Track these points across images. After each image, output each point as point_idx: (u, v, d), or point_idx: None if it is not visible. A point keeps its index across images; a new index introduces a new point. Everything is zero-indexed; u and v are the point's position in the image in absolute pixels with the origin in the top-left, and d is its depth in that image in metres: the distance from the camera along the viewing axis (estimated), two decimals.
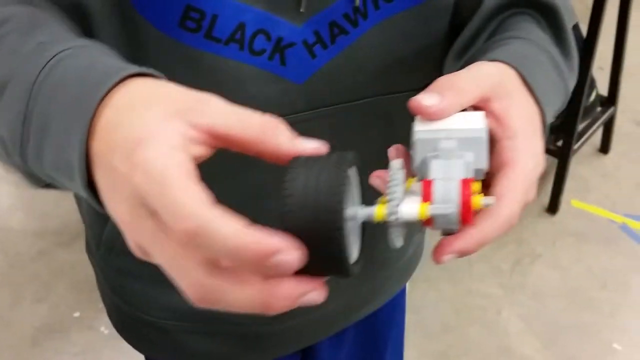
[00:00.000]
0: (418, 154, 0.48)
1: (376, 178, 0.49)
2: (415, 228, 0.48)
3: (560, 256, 2.29)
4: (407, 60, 0.68)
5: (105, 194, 0.43)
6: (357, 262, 0.45)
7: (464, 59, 0.65)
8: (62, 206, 2.52)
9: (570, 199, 2.46)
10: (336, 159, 0.42)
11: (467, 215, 0.44)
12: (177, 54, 0.59)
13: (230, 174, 0.65)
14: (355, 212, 0.45)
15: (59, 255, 2.35)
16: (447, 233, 0.48)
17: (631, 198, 2.48)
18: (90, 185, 0.45)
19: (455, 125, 0.48)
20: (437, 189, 0.45)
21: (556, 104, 0.61)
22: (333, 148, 0.48)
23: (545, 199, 2.43)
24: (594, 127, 2.45)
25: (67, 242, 2.39)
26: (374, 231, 0.47)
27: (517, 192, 0.48)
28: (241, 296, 0.40)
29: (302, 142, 0.44)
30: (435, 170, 0.46)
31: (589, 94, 2.36)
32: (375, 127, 0.70)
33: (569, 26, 0.67)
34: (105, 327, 2.08)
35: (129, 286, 0.82)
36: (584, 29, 2.23)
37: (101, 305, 0.92)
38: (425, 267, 2.21)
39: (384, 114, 0.69)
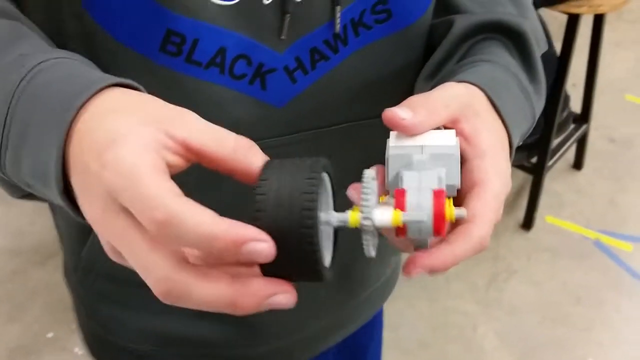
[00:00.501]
0: (391, 169, 0.49)
1: (353, 190, 0.49)
2: (388, 240, 0.49)
3: (535, 272, 2.31)
4: (386, 84, 0.69)
5: (79, 195, 0.44)
6: (330, 268, 0.45)
7: (434, 81, 0.66)
8: (37, 224, 2.49)
9: (544, 215, 2.48)
10: (310, 163, 0.43)
11: (440, 224, 0.45)
12: (158, 77, 0.59)
13: (208, 184, 0.65)
14: (329, 216, 0.45)
15: (33, 274, 2.32)
16: (419, 248, 0.48)
17: (604, 214, 2.50)
18: (67, 193, 0.45)
19: (428, 141, 0.49)
20: (410, 198, 0.45)
21: (523, 127, 0.62)
22: None
23: (520, 215, 2.45)
24: (568, 143, 2.48)
25: (42, 261, 2.36)
26: (353, 252, 0.48)
27: (488, 213, 0.49)
28: (209, 292, 0.40)
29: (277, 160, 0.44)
30: (408, 181, 0.46)
31: (563, 111, 2.39)
32: (355, 150, 0.70)
33: (537, 52, 0.68)
34: (79, 348, 2.06)
35: (106, 310, 0.82)
36: (557, 47, 2.26)
37: (75, 325, 0.91)
38: (402, 284, 2.21)
39: (364, 137, 0.70)
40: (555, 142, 2.39)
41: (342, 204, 0.48)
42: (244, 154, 0.43)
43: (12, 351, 2.07)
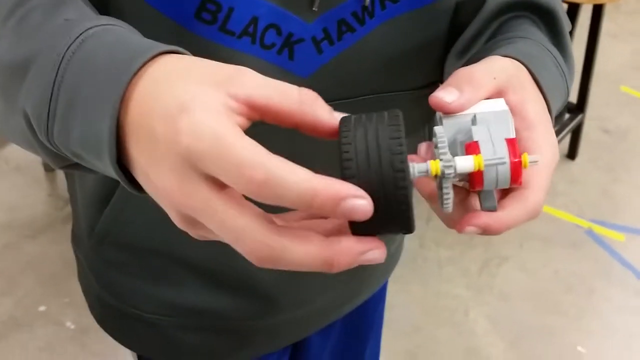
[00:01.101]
0: (449, 137, 0.49)
1: (424, 149, 0.50)
2: (448, 209, 0.48)
3: (527, 259, 2.32)
4: (408, 59, 0.69)
5: (145, 167, 0.42)
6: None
7: (466, 58, 0.67)
8: (29, 198, 2.48)
9: None
10: (390, 118, 0.42)
11: (517, 171, 0.45)
12: (191, 46, 0.57)
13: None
14: (411, 167, 0.44)
15: (26, 248, 2.32)
16: (488, 210, 0.48)
17: (597, 204, 2.52)
18: (120, 165, 0.44)
19: (479, 109, 0.50)
20: (484, 147, 0.45)
21: (558, 102, 0.62)
22: (334, 142, 0.48)
23: None
24: (563, 133, 2.49)
25: (34, 235, 2.36)
26: None
27: (542, 181, 0.49)
28: (303, 253, 0.40)
29: (339, 115, 0.44)
30: (479, 133, 0.46)
31: None
32: None
33: (567, 30, 0.69)
34: (72, 322, 2.06)
35: (118, 278, 0.81)
36: None
37: (67, 299, 0.91)
38: (396, 268, 2.23)
39: (388, 110, 0.71)
40: None
41: None
42: (310, 105, 0.43)
43: (4, 324, 2.07)
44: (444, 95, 0.49)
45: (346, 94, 0.68)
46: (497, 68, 0.53)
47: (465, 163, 0.44)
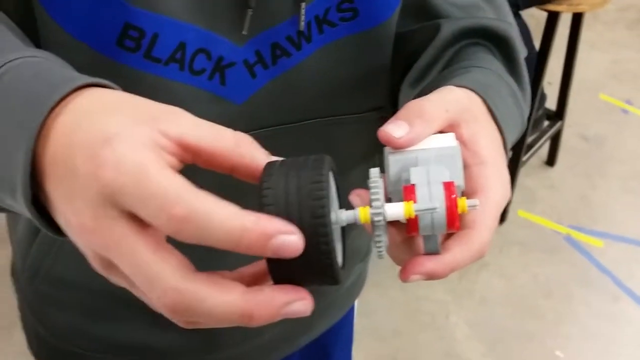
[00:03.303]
0: (392, 174, 0.47)
1: (356, 196, 0.47)
2: (392, 251, 0.47)
3: (507, 265, 2.35)
4: (348, 85, 0.67)
5: (61, 204, 0.39)
6: (342, 267, 0.44)
7: (420, 87, 0.64)
8: None
9: (517, 210, 2.52)
10: (314, 162, 0.41)
11: (453, 215, 0.43)
12: (115, 75, 0.54)
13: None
14: (337, 215, 0.43)
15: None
16: (430, 252, 0.46)
17: (575, 210, 2.55)
18: (37, 204, 0.41)
19: (428, 145, 0.48)
20: (420, 192, 0.44)
21: (515, 133, 0.61)
22: None
23: None
24: (542, 140, 2.52)
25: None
26: None
27: (489, 221, 0.47)
28: (221, 303, 0.37)
29: (277, 159, 0.42)
30: (416, 176, 0.45)
31: (539, 108, 2.43)
32: (315, 149, 0.65)
33: (522, 57, 0.67)
34: None
35: (52, 314, 0.79)
36: (536, 45, 2.30)
37: None
38: (376, 273, 2.24)
39: (325, 136, 0.69)
40: (529, 138, 2.43)
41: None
42: (246, 148, 0.41)
43: None
44: (393, 129, 0.47)
45: (286, 119, 0.65)
46: (450, 100, 0.51)
47: (395, 211, 0.43)
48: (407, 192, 0.44)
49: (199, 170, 0.41)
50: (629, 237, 2.45)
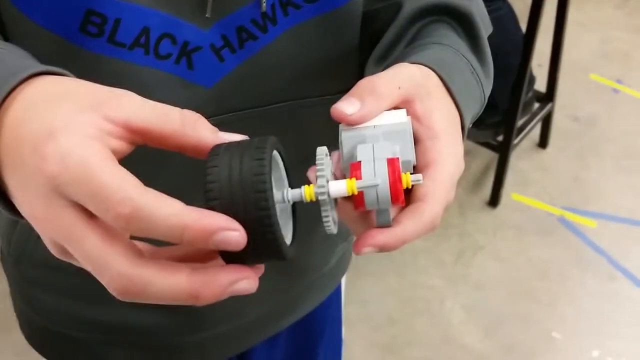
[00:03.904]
0: (345, 151, 0.48)
1: (312, 172, 0.48)
2: (348, 223, 0.48)
3: (501, 248, 2.35)
4: (318, 66, 0.68)
5: (16, 193, 0.41)
6: (291, 244, 0.45)
7: (384, 65, 0.65)
8: None
9: (510, 193, 2.52)
10: (257, 142, 0.42)
11: (397, 190, 0.45)
12: (80, 61, 0.57)
13: (146, 178, 0.64)
14: (284, 194, 0.44)
15: None
16: (382, 225, 0.48)
17: (568, 191, 2.55)
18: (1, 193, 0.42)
19: (379, 121, 0.49)
20: (365, 168, 0.45)
21: (474, 108, 0.61)
22: None
23: (487, 192, 2.49)
24: (533, 122, 2.51)
25: None
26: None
27: (440, 193, 0.48)
28: (167, 285, 0.39)
29: (224, 135, 0.43)
30: (362, 153, 0.46)
31: (528, 91, 2.42)
32: (287, 132, 0.68)
33: (484, 34, 0.68)
34: None
35: (39, 297, 0.80)
36: (523, 27, 2.29)
37: None
38: (370, 261, 2.25)
39: (296, 119, 0.69)
40: (520, 121, 2.42)
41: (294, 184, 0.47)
42: (192, 126, 0.42)
43: None
44: (345, 106, 0.48)
45: (256, 102, 0.66)
46: (403, 77, 0.52)
47: (338, 187, 0.44)
48: (352, 169, 0.45)
49: (171, 157, 0.43)
50: (622, 217, 2.46)
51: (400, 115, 0.49)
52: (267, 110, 0.67)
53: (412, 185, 0.47)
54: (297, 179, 0.48)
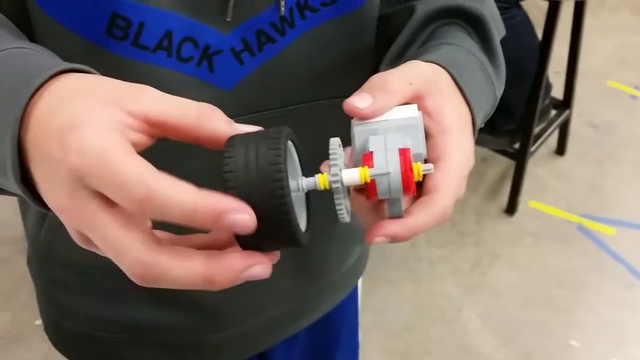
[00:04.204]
0: (357, 145, 0.49)
1: (326, 166, 0.49)
2: (359, 215, 0.49)
3: (519, 256, 2.34)
4: (335, 68, 0.69)
5: (42, 184, 0.43)
6: (306, 232, 0.46)
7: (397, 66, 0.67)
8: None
9: (527, 200, 2.51)
10: (272, 133, 0.43)
11: (409, 179, 0.46)
12: (105, 63, 0.59)
13: (170, 162, 0.65)
14: (299, 182, 0.46)
15: (20, 263, 2.33)
16: (394, 216, 0.48)
17: (586, 198, 2.54)
18: (27, 182, 0.44)
19: (391, 116, 0.50)
20: (377, 157, 0.46)
21: (485, 108, 0.62)
22: None
23: (504, 200, 2.48)
24: (550, 129, 2.50)
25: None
26: (313, 236, 0.48)
27: (451, 186, 0.49)
28: (184, 271, 0.40)
29: (239, 126, 0.45)
30: (375, 144, 0.47)
31: (545, 98, 2.42)
32: (305, 133, 0.69)
33: (496, 36, 0.69)
34: None
35: (65, 297, 0.81)
36: (539, 34, 2.28)
37: None
38: (387, 269, 2.25)
39: (314, 120, 0.70)
40: (537, 128, 2.42)
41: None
42: (208, 119, 0.43)
43: (1, 338, 2.08)
44: (357, 101, 0.50)
45: (274, 104, 0.68)
46: (415, 73, 0.53)
47: (351, 175, 0.45)
48: (365, 159, 0.46)
49: (192, 152, 0.44)
50: None
51: (411, 110, 0.50)
52: (285, 111, 0.69)
53: (423, 177, 0.48)
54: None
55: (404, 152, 0.46)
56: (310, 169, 0.49)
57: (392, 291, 2.21)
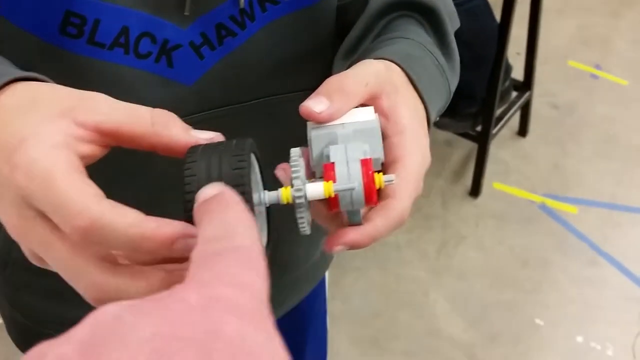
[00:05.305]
0: (315, 150, 0.49)
1: (281, 170, 0.49)
2: (320, 221, 0.49)
3: (483, 237, 2.36)
4: (297, 61, 0.69)
5: None
6: (267, 245, 0.46)
7: (352, 59, 0.67)
8: None
9: (491, 182, 2.53)
10: (235, 144, 0.42)
11: (371, 191, 0.45)
12: (61, 61, 0.58)
13: (128, 174, 0.64)
14: (260, 196, 0.45)
15: None
16: (353, 223, 0.48)
17: (549, 178, 2.57)
18: None
19: (347, 119, 0.50)
20: (339, 169, 0.46)
21: (439, 102, 0.63)
22: None
23: (468, 182, 2.50)
24: (511, 111, 2.52)
25: None
26: (280, 233, 0.47)
27: (408, 189, 0.50)
28: (142, 290, 0.39)
29: (196, 133, 0.44)
30: (335, 154, 0.47)
31: (505, 80, 2.43)
32: (268, 127, 0.70)
33: (450, 29, 0.69)
34: None
35: (26, 300, 0.81)
36: (497, 15, 2.29)
37: None
38: (354, 256, 2.25)
39: (277, 114, 0.70)
40: (499, 110, 2.43)
41: (268, 183, 0.48)
42: (163, 125, 0.42)
43: None
44: (313, 104, 0.49)
45: (235, 99, 0.67)
46: (370, 73, 0.53)
47: (315, 190, 0.45)
48: (326, 170, 0.46)
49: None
50: (602, 202, 2.47)
51: (368, 112, 0.50)
52: (249, 105, 0.68)
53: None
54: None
55: (366, 164, 0.46)
56: (271, 164, 0.49)
57: (359, 278, 2.22)
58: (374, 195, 0.46)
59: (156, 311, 0.27)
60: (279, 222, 0.48)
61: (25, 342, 0.87)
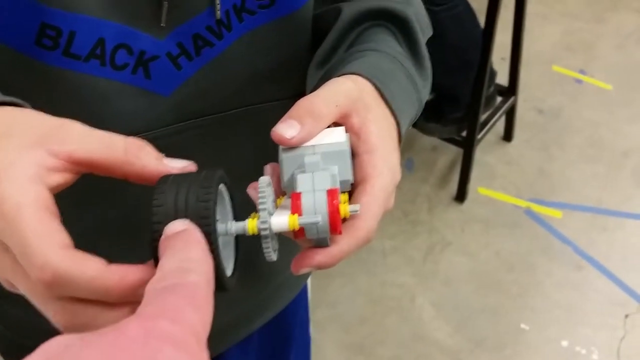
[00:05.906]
0: (285, 172, 0.50)
1: (252, 189, 0.49)
2: (290, 241, 0.49)
3: (469, 242, 2.37)
4: (274, 71, 0.69)
5: None
6: (232, 275, 0.46)
7: (325, 69, 0.67)
8: None
9: (477, 187, 2.54)
10: (205, 175, 0.43)
11: (335, 223, 0.46)
12: (37, 73, 0.58)
13: (100, 195, 0.64)
14: (227, 226, 0.45)
15: None
16: (320, 245, 0.49)
17: (534, 183, 2.58)
18: None
19: (318, 141, 0.50)
20: (305, 201, 0.46)
21: (410, 113, 0.63)
22: (204, 159, 0.48)
23: (453, 187, 2.50)
24: (496, 116, 2.53)
25: None
26: (256, 244, 0.48)
27: (374, 209, 0.50)
28: (111, 319, 0.40)
29: (169, 162, 0.44)
30: (302, 184, 0.47)
31: (490, 85, 2.44)
32: (246, 137, 0.71)
33: (422, 38, 0.69)
34: None
35: (8, 311, 0.81)
36: (482, 21, 2.30)
37: None
38: (340, 262, 2.24)
39: (254, 124, 0.70)
40: (484, 116, 2.44)
41: (238, 194, 0.49)
42: (135, 154, 0.43)
43: None
44: (284, 129, 0.50)
45: (214, 109, 0.67)
46: (340, 93, 0.53)
47: (280, 223, 0.45)
48: (294, 199, 0.47)
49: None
50: (587, 206, 2.48)
51: (338, 134, 0.51)
52: (227, 115, 0.68)
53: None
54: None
55: (331, 194, 0.46)
56: (250, 176, 0.49)
57: (345, 284, 2.22)
58: (339, 226, 0.46)
59: (101, 342, 0.29)
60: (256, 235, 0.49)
61: (10, 355, 0.87)
